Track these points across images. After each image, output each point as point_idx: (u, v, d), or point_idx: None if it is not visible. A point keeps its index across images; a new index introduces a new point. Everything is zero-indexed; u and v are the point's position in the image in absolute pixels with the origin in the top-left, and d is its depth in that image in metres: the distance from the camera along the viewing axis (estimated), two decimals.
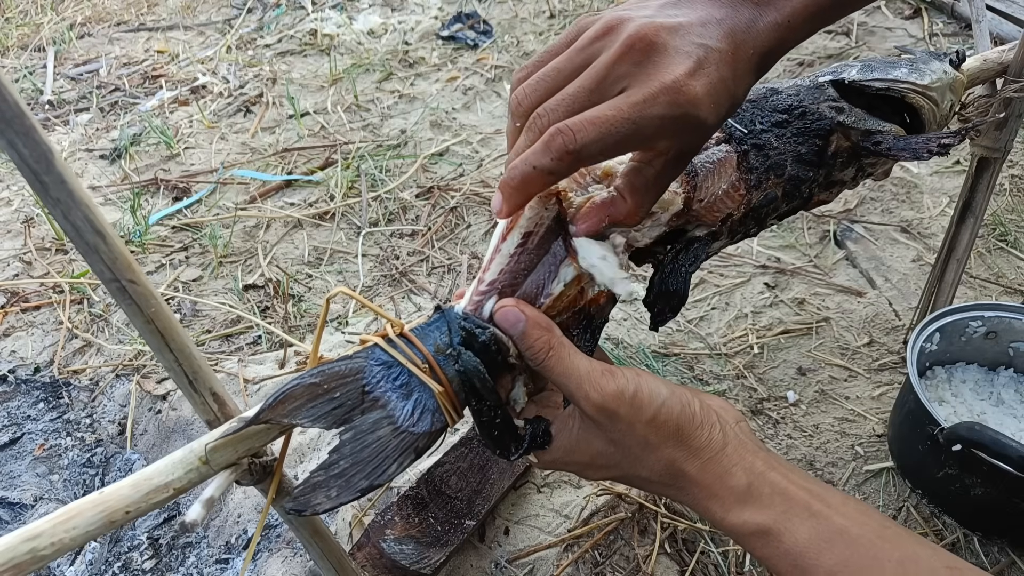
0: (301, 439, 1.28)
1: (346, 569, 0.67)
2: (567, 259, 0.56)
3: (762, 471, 0.53)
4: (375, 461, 0.49)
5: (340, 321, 1.57)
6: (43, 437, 1.44)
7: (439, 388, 0.51)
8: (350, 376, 0.50)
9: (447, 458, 1.09)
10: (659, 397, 0.54)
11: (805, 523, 0.50)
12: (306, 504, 0.47)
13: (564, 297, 0.56)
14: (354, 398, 0.50)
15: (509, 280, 0.56)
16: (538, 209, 0.56)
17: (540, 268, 0.56)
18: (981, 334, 1.10)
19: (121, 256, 0.39)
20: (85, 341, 1.59)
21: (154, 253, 1.82)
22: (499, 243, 0.57)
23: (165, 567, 1.20)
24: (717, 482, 0.53)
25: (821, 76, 0.71)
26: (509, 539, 1.09)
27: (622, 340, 1.44)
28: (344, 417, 0.49)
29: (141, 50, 2.99)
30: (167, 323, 0.42)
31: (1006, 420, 1.08)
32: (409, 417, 0.50)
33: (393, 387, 0.51)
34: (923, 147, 0.65)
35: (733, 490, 0.52)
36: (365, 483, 0.49)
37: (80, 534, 0.39)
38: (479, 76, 2.53)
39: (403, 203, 1.93)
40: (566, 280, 0.56)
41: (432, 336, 0.53)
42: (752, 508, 0.52)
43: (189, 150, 2.28)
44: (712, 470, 0.53)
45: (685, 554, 1.07)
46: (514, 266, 0.56)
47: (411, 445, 0.51)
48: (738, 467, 0.53)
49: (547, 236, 0.56)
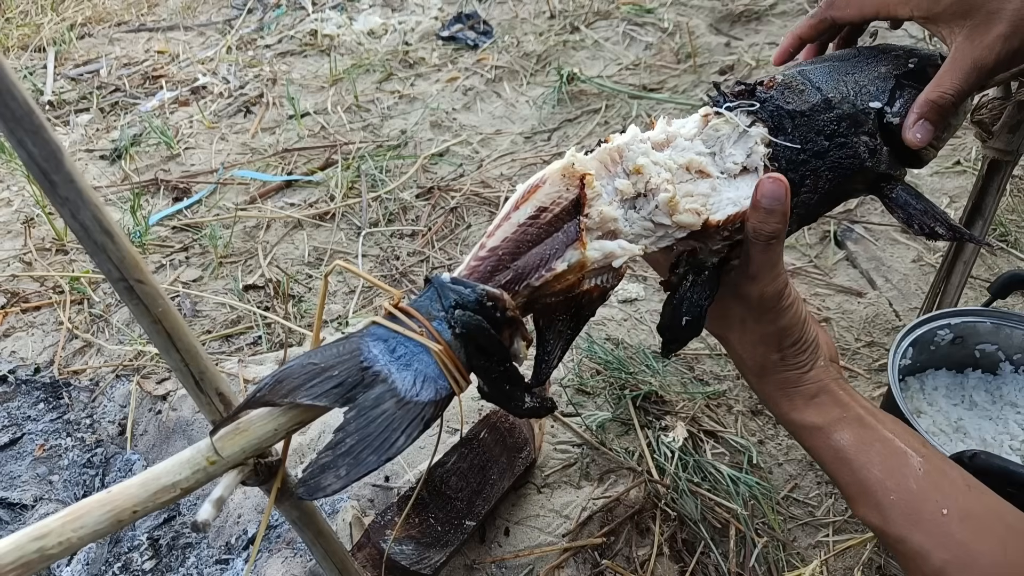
0: (301, 439, 1.28)
1: (348, 570, 0.67)
2: (576, 243, 0.56)
3: (831, 388, 0.64)
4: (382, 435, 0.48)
5: (340, 321, 1.57)
6: (43, 437, 1.43)
7: (437, 347, 0.50)
8: (348, 354, 0.50)
9: (447, 458, 1.09)
10: (799, 320, 0.65)
11: (854, 429, 0.62)
12: (316, 486, 0.46)
13: (563, 279, 0.56)
14: (354, 375, 0.49)
15: (512, 248, 0.55)
16: (559, 187, 0.56)
17: (546, 243, 0.56)
18: (948, 341, 1.11)
19: (129, 256, 0.39)
20: (85, 341, 1.59)
21: (154, 253, 1.82)
22: (510, 211, 0.56)
23: (165, 567, 1.20)
24: (792, 387, 0.65)
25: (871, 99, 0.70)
26: (509, 539, 1.09)
27: (622, 340, 1.44)
28: (346, 395, 0.49)
29: (141, 50, 2.99)
30: (174, 323, 0.42)
31: (984, 424, 1.08)
32: (412, 387, 0.50)
33: (392, 359, 0.50)
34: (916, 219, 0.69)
35: (802, 395, 0.64)
36: (374, 458, 0.48)
37: (88, 533, 0.39)
38: (479, 76, 2.53)
39: (403, 203, 1.93)
40: (570, 262, 0.56)
41: (425, 306, 0.53)
42: (812, 410, 0.64)
43: (189, 150, 2.28)
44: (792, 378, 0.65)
45: (685, 554, 1.07)
46: (520, 236, 0.56)
47: (417, 415, 0.50)
48: (813, 384, 0.64)
49: (561, 215, 0.56)
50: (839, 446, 0.61)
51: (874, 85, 0.70)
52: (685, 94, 2.27)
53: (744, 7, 2.64)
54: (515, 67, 2.56)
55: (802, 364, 0.65)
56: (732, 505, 1.12)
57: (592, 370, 1.37)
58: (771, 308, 0.63)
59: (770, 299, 0.63)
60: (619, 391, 1.32)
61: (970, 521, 0.57)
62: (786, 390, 0.65)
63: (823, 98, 0.67)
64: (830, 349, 0.69)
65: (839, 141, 0.66)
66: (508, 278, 0.55)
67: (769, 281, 0.62)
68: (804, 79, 0.69)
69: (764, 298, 0.63)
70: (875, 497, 0.59)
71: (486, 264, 0.55)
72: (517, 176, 2.02)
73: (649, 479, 1.15)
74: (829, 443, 0.62)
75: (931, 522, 0.57)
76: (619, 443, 1.23)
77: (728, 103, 0.66)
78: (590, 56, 2.58)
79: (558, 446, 1.23)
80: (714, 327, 0.70)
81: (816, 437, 0.63)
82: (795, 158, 0.65)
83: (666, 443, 1.21)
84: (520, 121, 2.29)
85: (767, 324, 0.64)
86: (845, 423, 0.62)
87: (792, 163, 0.65)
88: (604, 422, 1.26)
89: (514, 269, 0.56)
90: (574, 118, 2.25)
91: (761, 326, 0.64)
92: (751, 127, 0.64)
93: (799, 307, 0.65)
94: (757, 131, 0.64)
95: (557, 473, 1.19)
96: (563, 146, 2.13)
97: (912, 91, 0.71)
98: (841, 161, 0.66)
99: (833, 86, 0.69)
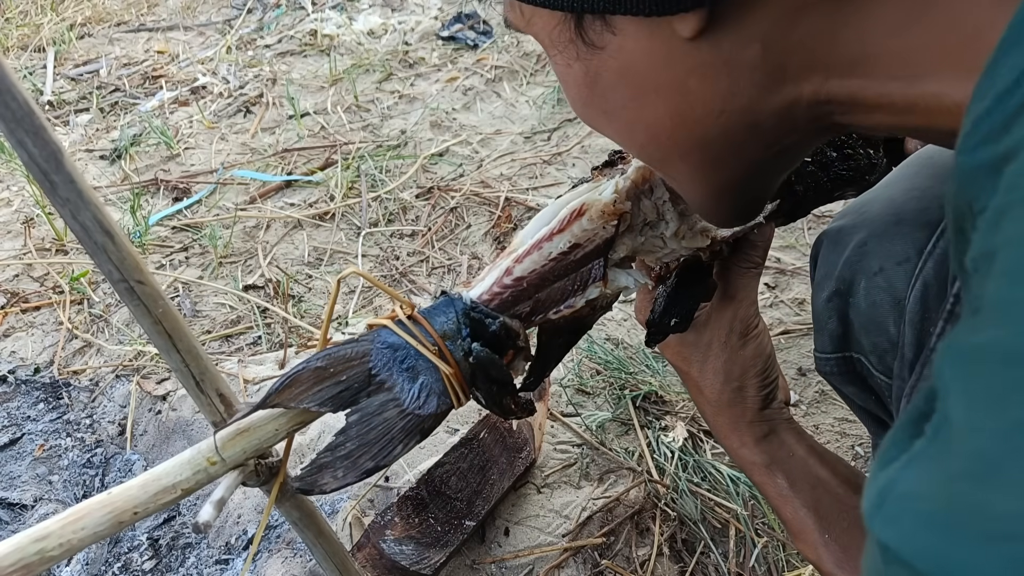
0: (301, 439, 1.28)
1: (349, 570, 0.67)
2: (600, 282, 0.56)
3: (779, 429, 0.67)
4: (381, 443, 0.49)
5: (340, 321, 1.57)
6: (43, 438, 1.43)
7: (449, 369, 0.51)
8: (356, 359, 0.50)
9: (447, 459, 1.09)
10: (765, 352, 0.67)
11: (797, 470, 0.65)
12: (313, 484, 0.47)
13: (580, 312, 0.57)
14: (361, 381, 0.50)
15: (538, 282, 0.55)
16: (597, 226, 0.55)
17: (569, 279, 0.56)
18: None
19: (129, 256, 0.39)
20: (85, 342, 1.59)
21: (154, 254, 1.82)
22: (542, 240, 0.56)
23: (165, 568, 1.20)
24: (745, 426, 0.67)
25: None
26: (509, 539, 1.09)
27: (622, 340, 1.44)
28: (351, 400, 0.49)
29: (141, 50, 2.99)
30: (175, 323, 0.42)
31: None
32: (415, 399, 0.50)
33: (400, 370, 0.51)
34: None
35: (753, 433, 0.67)
36: (371, 464, 0.49)
37: (89, 535, 0.39)
38: (479, 76, 2.53)
39: (403, 203, 1.93)
40: (589, 299, 0.57)
41: (439, 320, 0.53)
42: (760, 448, 0.66)
43: (189, 150, 2.27)
44: (747, 414, 0.67)
45: (685, 554, 1.07)
46: (548, 271, 0.55)
47: (417, 427, 0.51)
48: (765, 423, 0.67)
49: (592, 254, 0.56)
50: (782, 485, 0.65)
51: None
52: None
53: None
54: (515, 67, 2.56)
55: (759, 400, 0.67)
56: (732, 505, 1.12)
57: (592, 370, 1.37)
58: (741, 334, 0.66)
59: (741, 323, 0.66)
60: (619, 391, 1.32)
61: None
62: (738, 426, 0.67)
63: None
64: (784, 392, 0.71)
65: (846, 152, 0.67)
66: (528, 310, 0.56)
67: (745, 306, 0.66)
68: None
69: (736, 320, 0.65)
70: (811, 536, 0.62)
71: (510, 293, 0.55)
72: (517, 176, 2.02)
73: (649, 479, 1.15)
74: (774, 480, 0.65)
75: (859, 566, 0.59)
76: (619, 443, 1.23)
77: None
78: None
79: (558, 446, 1.23)
80: (676, 359, 0.72)
81: (762, 474, 0.66)
82: (802, 170, 0.65)
83: (666, 443, 1.21)
84: (520, 121, 2.29)
85: (733, 350, 0.66)
86: (790, 463, 0.65)
87: (799, 176, 0.65)
88: (604, 422, 1.26)
89: (535, 300, 0.56)
90: (574, 118, 2.25)
91: (726, 353, 0.66)
92: None
93: (766, 341, 0.67)
94: None
95: (557, 473, 1.19)
96: (563, 146, 2.13)
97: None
98: (843, 173, 0.67)
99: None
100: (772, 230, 0.67)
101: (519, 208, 1.88)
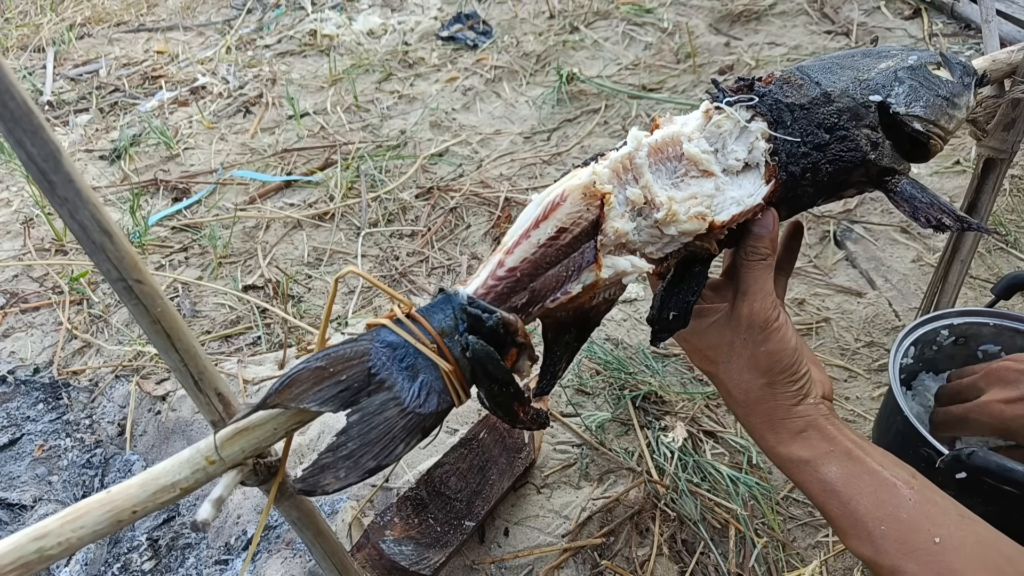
0: (301, 439, 1.28)
1: (348, 570, 0.67)
2: (593, 265, 0.56)
3: (819, 423, 0.64)
4: (382, 442, 0.49)
5: (340, 322, 1.57)
6: (43, 438, 1.43)
7: (448, 367, 0.51)
8: (356, 359, 0.50)
9: (447, 459, 1.09)
10: (789, 346, 0.64)
11: (842, 462, 0.62)
12: (315, 484, 0.47)
13: (576, 299, 0.57)
14: (361, 380, 0.50)
15: (531, 270, 0.55)
16: (580, 207, 0.56)
17: (563, 264, 0.56)
18: (951, 342, 1.11)
19: (128, 255, 0.39)
20: (84, 342, 1.59)
21: (154, 254, 1.82)
22: (529, 228, 0.56)
23: (164, 568, 1.20)
24: (779, 422, 0.65)
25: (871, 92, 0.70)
26: (509, 540, 1.09)
27: (622, 340, 1.44)
28: (351, 399, 0.49)
29: (141, 51, 2.99)
30: (173, 323, 0.42)
31: None
32: (416, 398, 0.50)
33: (399, 368, 0.51)
34: (923, 212, 0.68)
35: (789, 429, 0.64)
36: (373, 464, 0.49)
37: (87, 534, 0.39)
38: (479, 76, 2.53)
39: (403, 204, 1.93)
40: (585, 284, 0.56)
41: (436, 317, 0.53)
42: (799, 444, 0.64)
43: (189, 151, 2.27)
44: (779, 411, 0.65)
45: (685, 555, 1.07)
46: (539, 258, 0.56)
47: (418, 426, 0.51)
48: (801, 419, 0.64)
49: (580, 237, 0.56)
50: (827, 479, 0.62)
51: (874, 79, 0.70)
52: (684, 94, 2.27)
53: (744, 7, 2.64)
54: (515, 67, 2.56)
55: (790, 396, 0.65)
56: (732, 505, 1.12)
57: (592, 370, 1.37)
58: (760, 328, 0.64)
59: (759, 316, 0.64)
60: (619, 391, 1.32)
61: (964, 549, 0.56)
62: (773, 423, 0.65)
63: (822, 92, 0.67)
64: (825, 387, 0.68)
65: (840, 134, 0.66)
66: (524, 300, 0.56)
67: (759, 299, 0.64)
68: (803, 74, 0.69)
69: (753, 315, 0.64)
70: (866, 529, 0.60)
71: (504, 285, 0.55)
72: (516, 176, 2.01)
73: (649, 479, 1.15)
74: (817, 476, 0.62)
75: (924, 551, 0.57)
76: (619, 443, 1.23)
77: (728, 98, 0.66)
78: (589, 56, 2.58)
79: (558, 446, 1.23)
80: (701, 361, 0.70)
81: (804, 471, 0.63)
82: (795, 151, 0.65)
83: (666, 443, 1.21)
84: (520, 121, 2.29)
85: (755, 345, 0.64)
86: (833, 456, 0.62)
87: (793, 156, 0.65)
88: (604, 422, 1.26)
89: (531, 291, 0.56)
90: (573, 118, 2.25)
91: (749, 348, 0.65)
92: (751, 122, 0.64)
93: (789, 333, 0.65)
94: (757, 126, 0.64)
95: (556, 473, 1.19)
96: (562, 146, 2.13)
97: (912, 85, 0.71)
98: (842, 154, 0.66)
99: (832, 80, 0.69)
100: (776, 220, 0.64)
101: (519, 208, 1.87)
